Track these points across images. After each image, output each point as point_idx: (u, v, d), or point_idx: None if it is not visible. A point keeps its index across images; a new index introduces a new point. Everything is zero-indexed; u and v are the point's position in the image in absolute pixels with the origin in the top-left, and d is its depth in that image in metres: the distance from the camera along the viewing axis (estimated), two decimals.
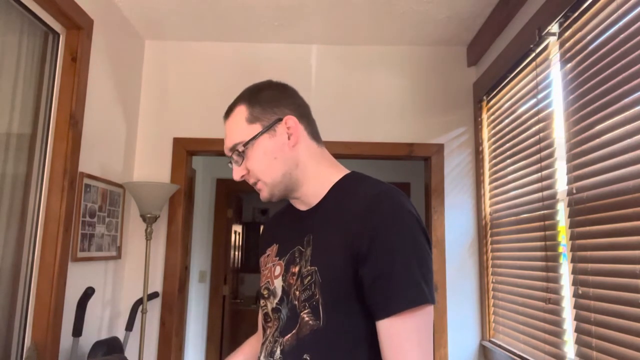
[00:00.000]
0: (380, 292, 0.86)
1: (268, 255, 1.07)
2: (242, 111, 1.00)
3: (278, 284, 0.98)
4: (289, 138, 0.98)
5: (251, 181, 1.01)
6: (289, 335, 0.92)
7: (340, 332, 0.88)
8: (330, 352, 0.88)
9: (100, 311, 2.29)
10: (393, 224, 0.87)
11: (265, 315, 1.03)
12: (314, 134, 1.03)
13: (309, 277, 0.91)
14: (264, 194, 1.01)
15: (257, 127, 0.98)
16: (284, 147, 0.98)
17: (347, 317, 0.89)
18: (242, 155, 0.99)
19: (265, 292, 1.03)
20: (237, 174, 1.01)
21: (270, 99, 1.00)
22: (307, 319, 0.90)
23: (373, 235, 0.86)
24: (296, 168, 0.99)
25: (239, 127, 0.99)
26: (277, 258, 1.02)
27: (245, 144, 0.98)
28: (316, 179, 1.00)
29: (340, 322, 0.89)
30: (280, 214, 1.16)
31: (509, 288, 2.14)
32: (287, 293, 0.95)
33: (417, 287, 0.85)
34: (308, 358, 0.89)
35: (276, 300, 0.98)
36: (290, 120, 0.99)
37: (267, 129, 0.98)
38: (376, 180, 0.97)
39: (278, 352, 0.93)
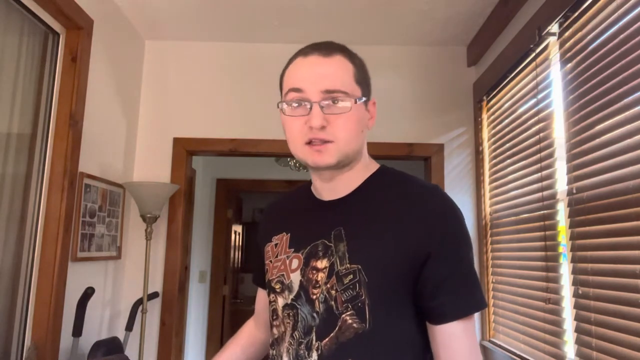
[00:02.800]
0: (451, 293, 0.83)
1: (276, 245, 0.98)
2: (347, 65, 0.88)
3: (295, 278, 0.90)
4: (368, 120, 0.93)
5: (322, 137, 0.85)
6: (327, 339, 0.84)
7: (388, 336, 0.83)
8: (377, 357, 0.82)
9: (100, 311, 2.29)
10: (456, 224, 0.86)
11: (274, 312, 0.94)
12: None
13: (351, 276, 0.83)
14: (328, 159, 0.86)
15: (359, 91, 0.88)
16: (366, 125, 0.92)
17: (396, 319, 0.83)
18: (341, 106, 0.85)
19: (277, 287, 0.93)
20: (320, 120, 0.84)
21: (367, 72, 0.93)
22: (350, 321, 0.82)
23: (440, 236, 0.83)
24: (360, 151, 0.93)
25: (346, 78, 0.87)
26: (292, 250, 0.93)
27: (356, 100, 0.86)
28: (361, 167, 0.94)
29: (387, 325, 0.83)
30: (289, 200, 1.07)
31: (509, 288, 2.14)
32: (306, 289, 0.88)
33: (479, 290, 0.85)
34: None
35: (292, 296, 0.90)
36: (375, 105, 0.94)
37: (366, 100, 0.91)
38: (416, 177, 0.93)
39: (315, 356, 0.84)
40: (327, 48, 0.89)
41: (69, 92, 1.97)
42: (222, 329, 4.30)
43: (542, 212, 1.81)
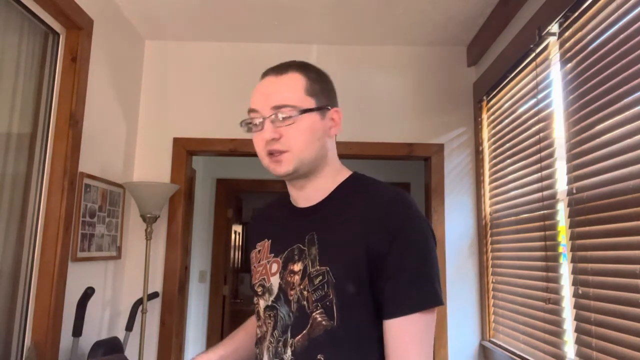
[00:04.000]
0: (393, 292, 0.87)
1: (259, 251, 1.06)
2: (299, 79, 0.97)
3: (274, 281, 0.97)
4: (330, 128, 0.99)
5: (276, 148, 0.93)
6: (299, 336, 0.91)
7: (354, 332, 0.89)
8: (344, 351, 0.88)
9: (100, 311, 2.29)
10: (410, 228, 0.90)
11: (257, 313, 1.02)
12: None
13: (320, 277, 0.90)
14: (285, 167, 0.94)
15: (312, 102, 0.96)
16: (325, 133, 0.98)
17: (361, 316, 0.89)
18: (287, 119, 0.93)
19: (259, 290, 1.01)
20: (270, 133, 0.93)
21: (326, 83, 1.01)
22: (319, 319, 0.89)
23: (391, 238, 0.88)
24: (324, 158, 0.99)
25: (294, 91, 0.95)
26: (272, 255, 1.01)
27: (303, 111, 0.93)
28: (329, 174, 1.00)
29: (354, 322, 0.89)
30: (271, 208, 1.14)
31: (509, 288, 2.14)
32: (285, 291, 0.95)
33: (429, 289, 0.88)
34: (322, 358, 0.88)
35: (272, 298, 0.97)
36: (338, 113, 1.01)
37: (320, 109, 0.97)
38: (384, 183, 0.99)
39: (289, 352, 0.91)
40: (282, 67, 0.99)
41: (69, 92, 1.97)
42: (222, 329, 4.30)
43: (542, 212, 1.81)
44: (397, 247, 0.87)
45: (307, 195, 1.00)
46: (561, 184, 1.70)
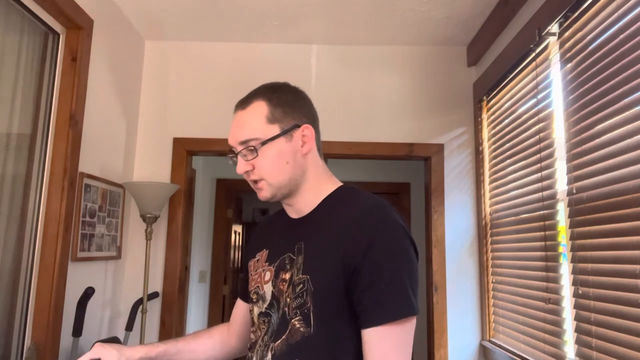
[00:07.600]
0: (369, 301, 0.88)
1: (258, 260, 1.09)
2: (261, 108, 0.99)
3: (267, 289, 1.01)
4: (302, 145, 1.00)
5: (252, 178, 1.00)
6: (279, 341, 0.94)
7: (330, 339, 0.90)
8: (321, 357, 0.91)
9: (100, 311, 2.29)
10: (385, 237, 0.90)
11: (252, 320, 1.06)
12: (319, 145, 1.06)
13: (301, 285, 0.93)
14: (265, 194, 1.01)
15: (275, 129, 0.98)
16: (296, 154, 1.00)
17: (336, 324, 0.91)
18: (254, 151, 0.98)
19: (254, 297, 1.05)
20: (242, 167, 0.99)
21: (291, 103, 1.01)
22: (297, 325, 0.92)
23: (365, 248, 0.89)
24: (302, 175, 1.01)
25: (257, 123, 0.98)
26: (267, 264, 1.04)
27: (264, 143, 0.97)
28: (313, 188, 1.03)
29: (330, 330, 0.91)
30: (272, 220, 1.18)
31: (509, 288, 2.14)
32: (277, 299, 0.97)
33: (405, 299, 0.88)
34: None
35: (265, 305, 1.00)
36: (308, 130, 1.01)
37: (285, 132, 0.98)
38: (368, 194, 1.00)
39: (269, 356, 0.95)
40: (246, 99, 1.02)
41: (69, 92, 1.97)
42: None
43: (542, 212, 1.81)
44: (372, 256, 0.88)
45: (297, 208, 1.04)
46: (561, 184, 1.70)
